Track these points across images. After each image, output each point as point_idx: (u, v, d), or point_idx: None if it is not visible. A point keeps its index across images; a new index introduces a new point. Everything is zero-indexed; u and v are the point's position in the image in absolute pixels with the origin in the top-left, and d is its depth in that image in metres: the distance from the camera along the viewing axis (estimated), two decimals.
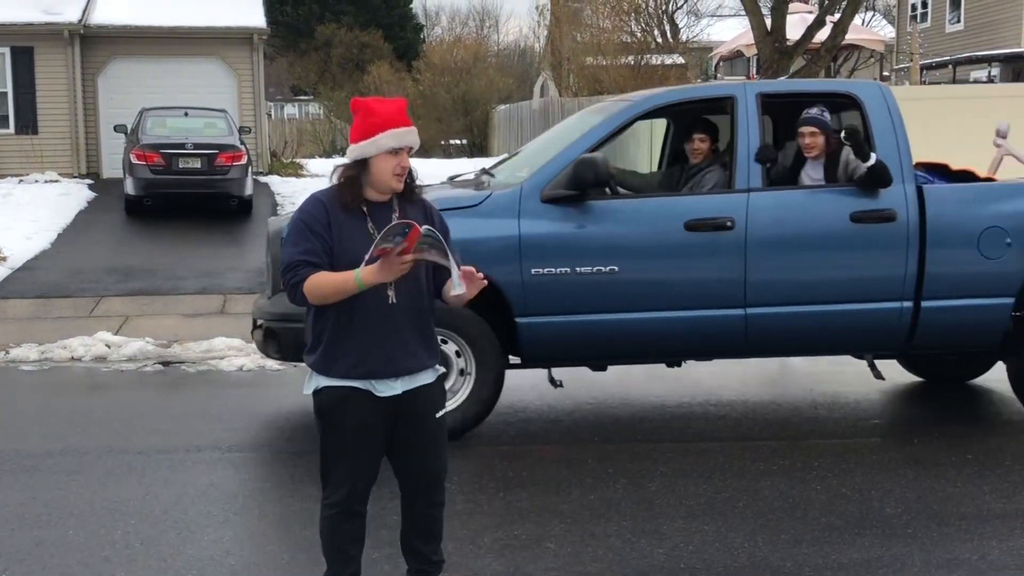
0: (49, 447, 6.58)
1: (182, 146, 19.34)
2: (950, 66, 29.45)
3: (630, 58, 32.40)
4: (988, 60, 27.96)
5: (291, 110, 57.81)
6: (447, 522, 5.24)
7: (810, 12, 26.63)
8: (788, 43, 22.41)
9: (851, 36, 24.41)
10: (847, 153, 6.73)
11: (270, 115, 39.47)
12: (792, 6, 23.80)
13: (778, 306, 6.59)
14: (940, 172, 7.55)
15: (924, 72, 30.39)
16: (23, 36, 25.18)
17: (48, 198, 18.66)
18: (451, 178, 7.95)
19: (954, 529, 5.19)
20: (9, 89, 25.33)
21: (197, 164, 18.49)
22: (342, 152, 27.21)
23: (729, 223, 6.50)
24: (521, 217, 6.47)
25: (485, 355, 6.52)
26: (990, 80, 28.36)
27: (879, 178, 6.57)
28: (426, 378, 3.90)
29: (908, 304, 6.65)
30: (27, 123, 25.24)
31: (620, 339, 6.58)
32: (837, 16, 22.88)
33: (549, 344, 6.59)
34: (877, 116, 6.78)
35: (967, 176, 7.46)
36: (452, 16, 76.15)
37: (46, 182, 23.29)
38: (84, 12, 25.68)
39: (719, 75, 39.15)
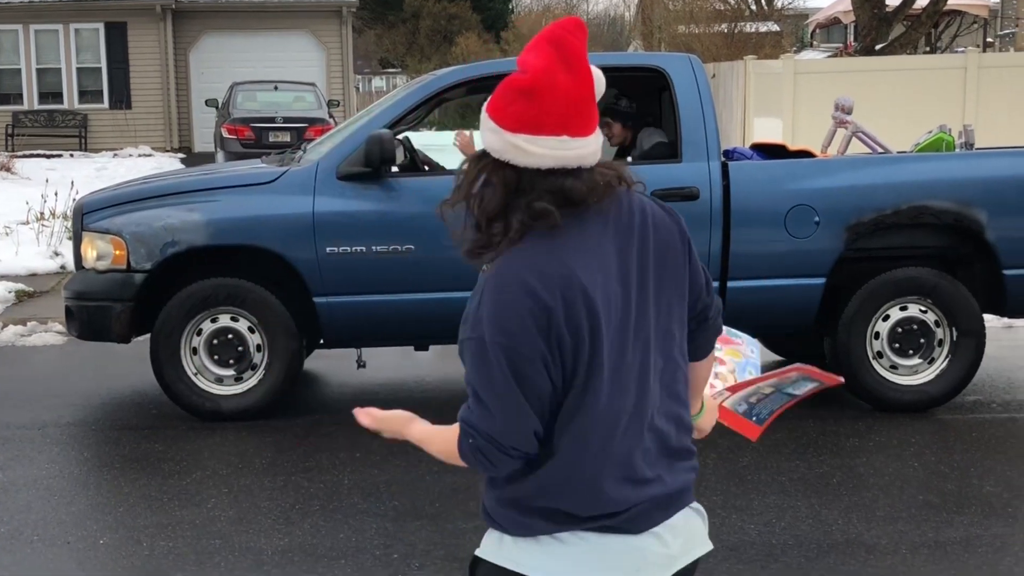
0: None
1: (272, 120, 19.58)
2: None
3: (723, 26, 31.99)
4: None
5: (379, 83, 58.20)
6: None
7: None
8: (887, 9, 21.89)
9: (953, 1, 23.78)
10: (644, 135, 6.72)
11: (358, 88, 39.72)
12: None
13: None
14: (776, 153, 7.26)
15: None
16: (116, 12, 25.70)
17: (142, 172, 18.97)
18: (266, 154, 7.97)
19: None
20: (103, 65, 25.91)
21: (287, 138, 18.72)
22: (431, 126, 27.21)
23: None
24: (316, 194, 6.31)
25: (276, 336, 6.41)
26: None
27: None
28: None
29: (714, 284, 6.39)
30: (121, 98, 25.79)
31: (421, 319, 6.41)
32: None
33: (348, 324, 6.43)
34: (684, 90, 6.53)
35: (804, 156, 7.15)
36: None
37: (139, 156, 23.80)
38: None
39: (815, 42, 38.50)
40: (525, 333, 2.02)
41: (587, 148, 2.07)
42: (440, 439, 2.28)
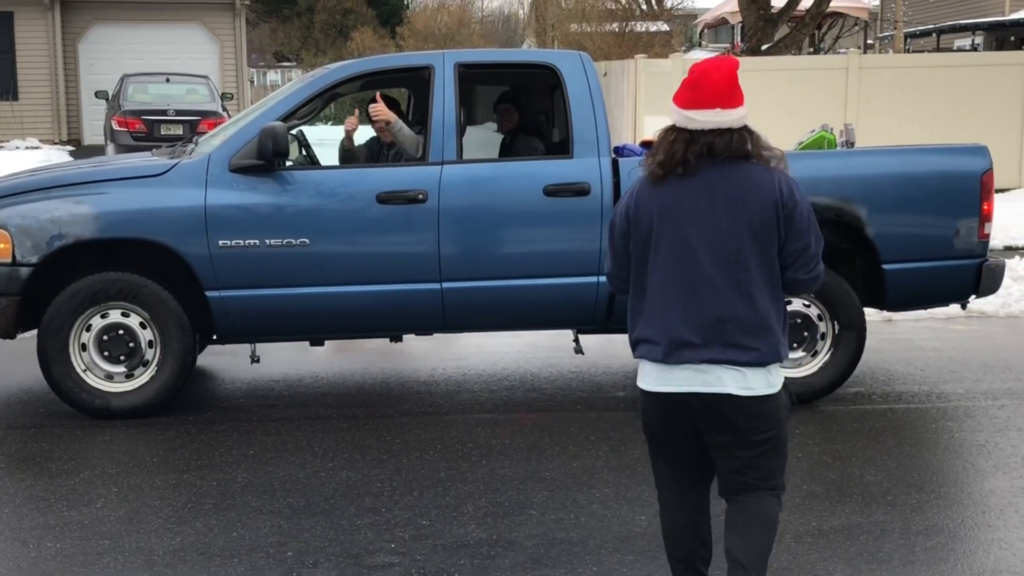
0: None
1: (164, 112, 19.25)
2: (934, 34, 29.44)
3: (615, 25, 32.31)
4: (972, 28, 27.97)
5: (274, 76, 57.56)
6: (430, 490, 5.28)
7: None
8: (773, 10, 22.35)
9: (835, 4, 24.35)
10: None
11: (252, 81, 39.23)
12: None
13: (474, 280, 6.48)
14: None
15: (908, 40, 30.41)
16: (3, 2, 25.00)
17: (29, 165, 18.50)
18: (158, 147, 7.98)
19: (933, 496, 5.23)
20: None
21: (179, 131, 18.41)
22: (326, 120, 27.01)
23: (421, 196, 6.38)
24: (208, 187, 6.30)
25: (169, 331, 6.38)
26: (973, 48, 28.38)
27: None
28: None
29: (604, 278, 6.58)
30: (7, 89, 25.11)
31: (316, 314, 6.46)
32: None
33: (243, 319, 6.44)
34: (575, 87, 6.66)
35: None
36: None
37: (27, 148, 23.20)
38: None
39: (703, 42, 39.11)
40: (618, 214, 3.68)
41: (732, 116, 3.51)
42: None
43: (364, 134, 7.71)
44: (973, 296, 6.94)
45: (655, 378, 3.59)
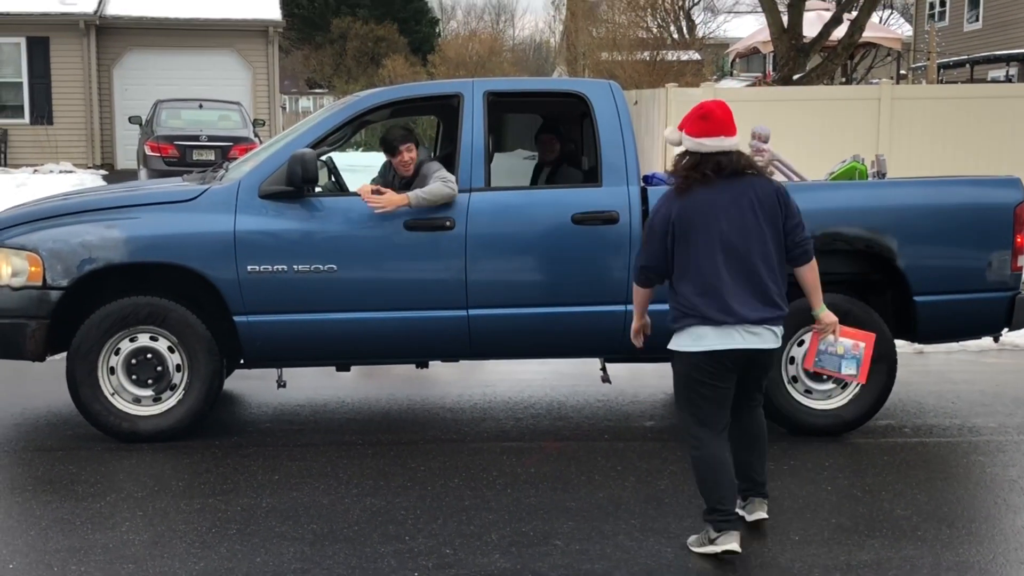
0: None
1: (196, 138, 19.41)
2: (967, 65, 29.33)
3: (646, 54, 32.35)
4: (1006, 60, 27.84)
5: (306, 103, 57.95)
6: (454, 518, 5.25)
7: (827, 9, 26.52)
8: (805, 40, 22.33)
9: (868, 34, 24.32)
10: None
11: (284, 108, 39.50)
12: (809, 3, 23.71)
13: (501, 308, 6.47)
14: None
15: (941, 71, 30.29)
16: (39, 26, 25.29)
17: (63, 188, 18.67)
18: (189, 172, 8.00)
19: (964, 532, 5.16)
20: (24, 79, 25.45)
21: (211, 156, 18.55)
22: (356, 147, 27.15)
23: (448, 223, 6.38)
24: (238, 213, 6.32)
25: (197, 355, 6.39)
26: (1007, 79, 28.23)
27: None
28: None
29: (632, 307, 6.53)
30: (42, 113, 25.36)
31: (343, 339, 6.46)
32: (854, 14, 22.79)
33: (271, 344, 6.45)
34: (604, 115, 6.65)
35: None
36: (468, 10, 76.06)
37: (60, 172, 23.40)
38: (100, 3, 25.77)
39: (735, 71, 39.11)
40: (660, 221, 4.75)
41: (731, 142, 4.71)
42: (634, 299, 5.14)
43: (377, 159, 7.67)
44: (1006, 329, 6.87)
45: (713, 340, 4.66)
